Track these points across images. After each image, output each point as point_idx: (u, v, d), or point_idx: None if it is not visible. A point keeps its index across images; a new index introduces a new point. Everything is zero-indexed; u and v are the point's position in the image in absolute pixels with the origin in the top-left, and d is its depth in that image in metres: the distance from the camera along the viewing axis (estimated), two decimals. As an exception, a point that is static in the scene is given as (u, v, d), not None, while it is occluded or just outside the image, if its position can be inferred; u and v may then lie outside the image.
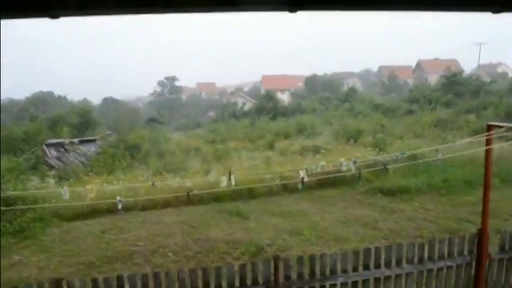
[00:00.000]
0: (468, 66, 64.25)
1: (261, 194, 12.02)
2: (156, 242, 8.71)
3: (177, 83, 76.10)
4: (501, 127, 5.61)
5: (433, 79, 56.73)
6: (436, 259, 5.48)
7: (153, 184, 8.25)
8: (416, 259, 5.45)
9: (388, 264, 5.32)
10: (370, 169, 10.87)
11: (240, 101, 56.20)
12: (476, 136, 8.29)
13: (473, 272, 5.62)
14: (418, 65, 78.24)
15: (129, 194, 10.99)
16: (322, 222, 9.66)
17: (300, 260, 5.12)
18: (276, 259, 5.01)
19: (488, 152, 5.54)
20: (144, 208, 11.15)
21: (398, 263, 5.36)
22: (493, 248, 5.70)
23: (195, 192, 10.54)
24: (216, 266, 5.43)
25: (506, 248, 5.67)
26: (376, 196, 11.60)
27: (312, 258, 5.17)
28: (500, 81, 46.58)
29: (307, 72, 76.69)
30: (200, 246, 8.39)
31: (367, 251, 5.29)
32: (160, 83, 75.17)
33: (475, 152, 9.55)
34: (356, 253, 5.28)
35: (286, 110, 41.67)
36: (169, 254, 8.18)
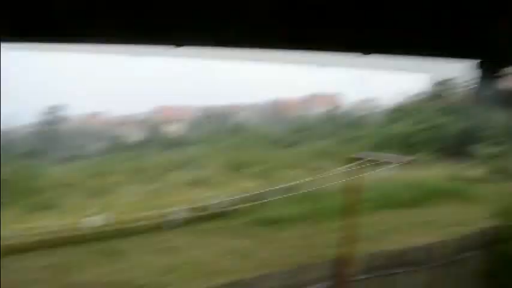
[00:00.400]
0: (348, 100, 70.09)
1: (141, 231, 11.57)
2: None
3: (61, 113, 71.32)
4: (367, 158, 6.22)
5: (318, 112, 60.68)
6: (301, 285, 5.76)
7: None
8: (284, 286, 5.67)
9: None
10: (252, 201, 11.16)
11: (128, 131, 54.34)
12: (345, 166, 9.01)
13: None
14: (306, 98, 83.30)
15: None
16: (201, 256, 9.60)
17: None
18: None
19: (354, 181, 6.08)
20: (8, 253, 10.04)
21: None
22: (355, 270, 6.17)
23: (70, 231, 9.88)
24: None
25: (365, 269, 6.18)
26: (256, 227, 11.87)
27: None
28: (373, 115, 51.32)
29: (198, 103, 77.21)
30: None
31: (237, 283, 5.39)
32: (42, 113, 69.82)
33: (350, 180, 10.28)
34: (226, 286, 5.35)
35: (176, 142, 41.07)
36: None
